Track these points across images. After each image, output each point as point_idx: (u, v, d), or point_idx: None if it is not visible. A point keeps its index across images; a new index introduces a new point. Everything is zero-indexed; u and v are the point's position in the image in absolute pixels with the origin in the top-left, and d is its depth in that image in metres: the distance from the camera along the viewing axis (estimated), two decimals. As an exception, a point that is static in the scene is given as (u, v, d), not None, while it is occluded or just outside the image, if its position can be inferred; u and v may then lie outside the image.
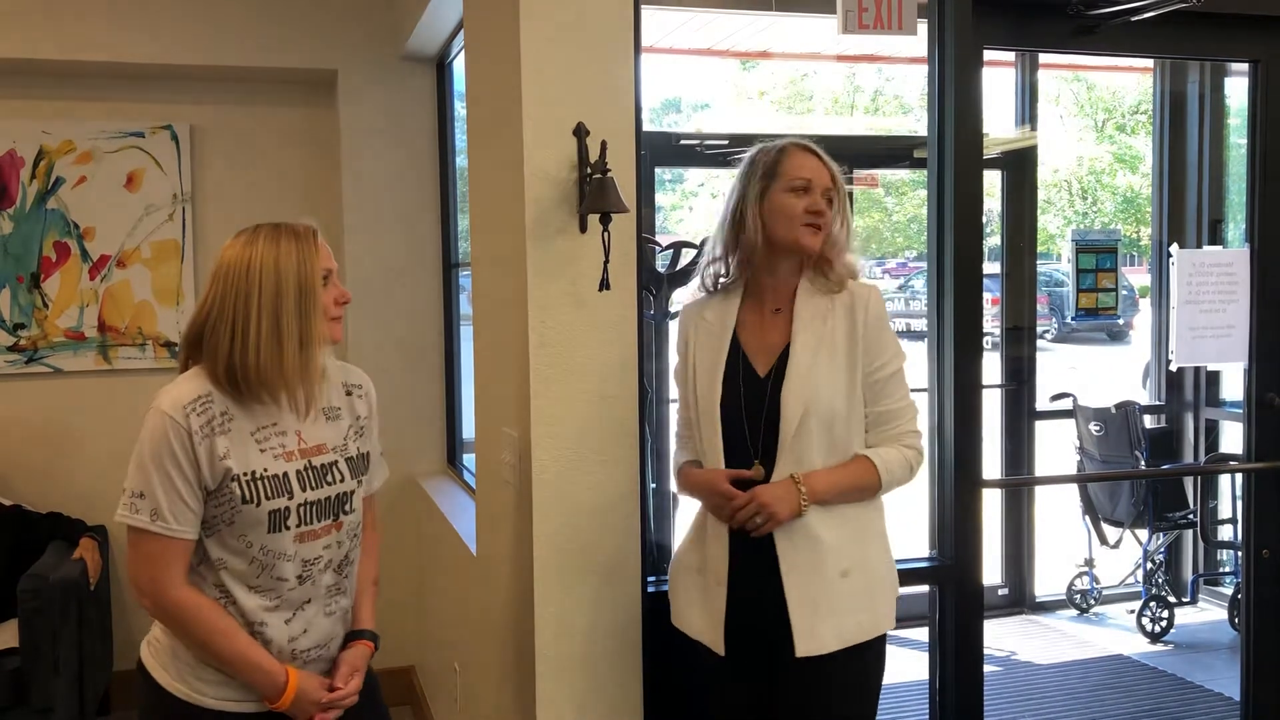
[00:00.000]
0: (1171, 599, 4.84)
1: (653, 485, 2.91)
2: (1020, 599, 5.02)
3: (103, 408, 4.40)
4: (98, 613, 4.01)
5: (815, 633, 2.03)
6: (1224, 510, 5.00)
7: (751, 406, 2.08)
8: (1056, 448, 5.45)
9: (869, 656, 2.10)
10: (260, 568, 1.90)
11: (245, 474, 1.86)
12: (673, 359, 2.34)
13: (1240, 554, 4.08)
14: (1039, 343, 5.39)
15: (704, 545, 2.20)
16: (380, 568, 2.22)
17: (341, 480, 1.98)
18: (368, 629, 2.09)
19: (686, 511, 3.12)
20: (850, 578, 2.06)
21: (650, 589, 2.53)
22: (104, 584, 4.14)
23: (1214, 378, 5.03)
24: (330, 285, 1.96)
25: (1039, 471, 5.28)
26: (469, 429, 4.18)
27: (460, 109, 4.29)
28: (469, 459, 4.16)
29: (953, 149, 2.76)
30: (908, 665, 3.58)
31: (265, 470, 1.88)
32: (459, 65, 4.15)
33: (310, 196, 4.47)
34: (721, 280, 2.22)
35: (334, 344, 2.00)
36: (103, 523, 4.33)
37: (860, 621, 2.07)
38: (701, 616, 2.19)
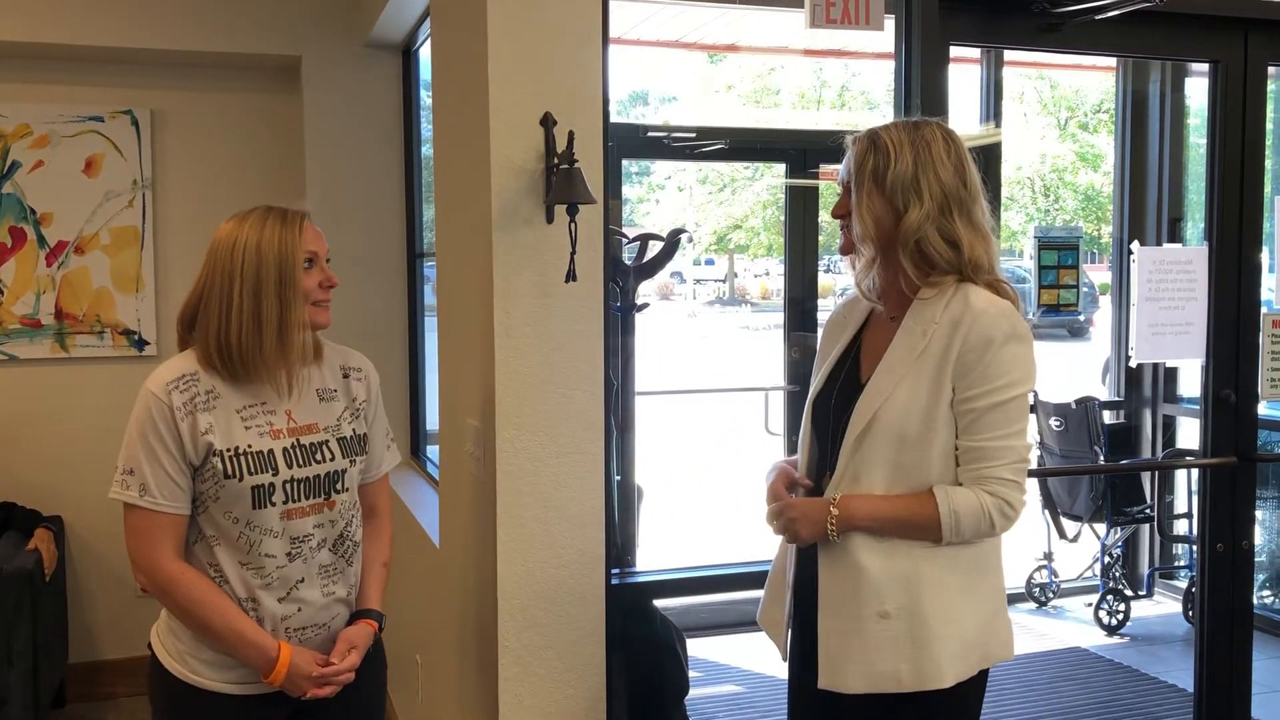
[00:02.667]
0: (1128, 592, 4.91)
1: (617, 478, 2.91)
2: (980, 592, 5.08)
3: (60, 396, 4.33)
4: (53, 604, 3.95)
5: (840, 668, 1.88)
6: (1180, 505, 5.07)
7: (839, 409, 1.96)
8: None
9: (930, 709, 1.87)
10: (248, 544, 1.92)
11: (228, 449, 1.90)
12: (639, 352, 2.33)
13: (1195, 548, 4.14)
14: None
15: (787, 547, 2.11)
16: (393, 550, 2.22)
17: (332, 459, 2.00)
18: (372, 608, 2.10)
19: (650, 505, 3.12)
20: (890, 621, 1.84)
21: (614, 581, 2.53)
22: (59, 575, 4.08)
23: (1172, 374, 5.10)
24: (315, 269, 1.97)
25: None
26: (432, 420, 4.16)
27: (426, 97, 4.25)
28: (432, 450, 4.14)
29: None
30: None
31: (249, 446, 1.91)
32: (425, 53, 4.11)
33: (273, 184, 4.42)
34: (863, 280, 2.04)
35: (319, 329, 2.01)
36: (58, 513, 4.26)
37: (899, 671, 1.84)
38: (773, 615, 2.12)
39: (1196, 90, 5.01)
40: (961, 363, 1.83)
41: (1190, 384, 5.03)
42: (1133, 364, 4.80)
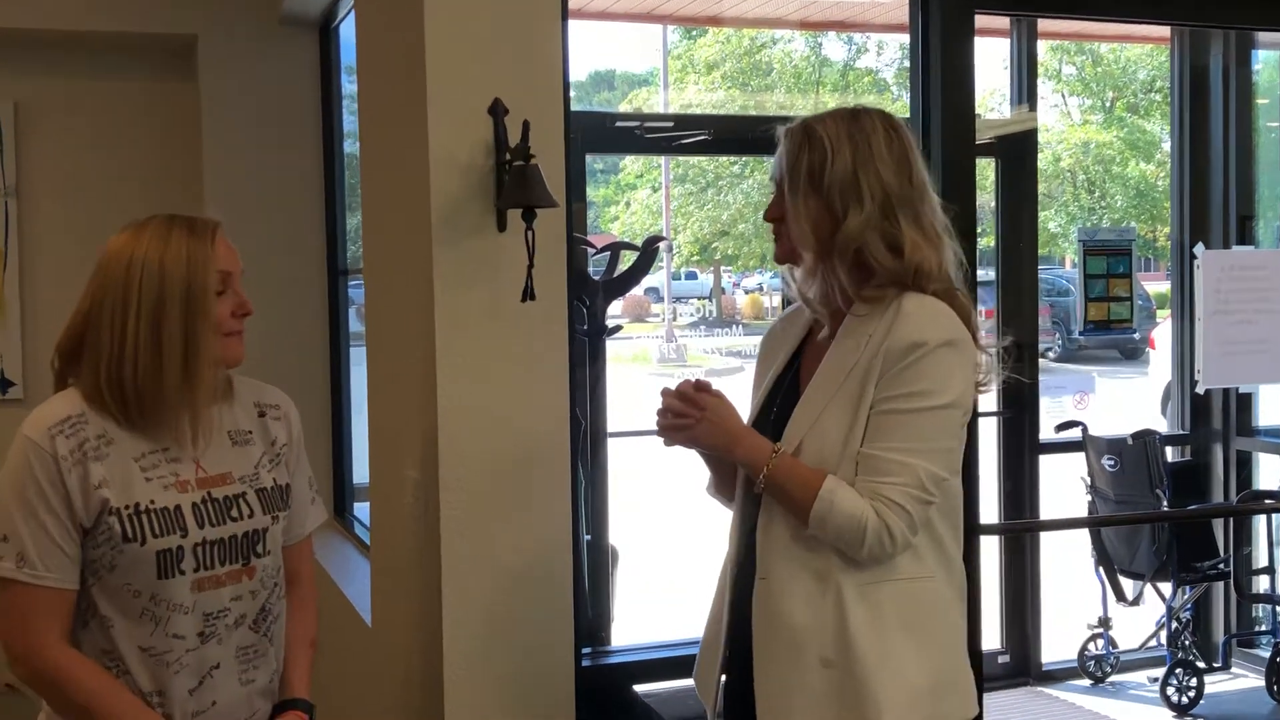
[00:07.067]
0: (1200, 664, 4.92)
1: (587, 538, 2.90)
2: (1024, 667, 5.08)
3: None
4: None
5: None
6: (1260, 558, 5.10)
7: (776, 436, 2.02)
8: (1064, 486, 5.53)
9: None
10: (153, 623, 1.88)
11: (126, 506, 1.86)
12: (611, 382, 2.33)
13: None
14: (1041, 362, 5.46)
15: (720, 595, 2.15)
16: (319, 628, 2.19)
17: (250, 516, 1.97)
18: (300, 697, 2.07)
19: (627, 571, 3.12)
20: (833, 670, 1.92)
21: (585, 663, 2.52)
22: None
23: (1246, 402, 5.14)
24: (229, 293, 1.96)
25: (1044, 514, 5.35)
26: (360, 472, 4.13)
27: (350, 84, 4.26)
28: (361, 509, 4.11)
29: (939, 133, 2.80)
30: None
31: (152, 502, 1.88)
32: (348, 30, 4.12)
33: (165, 189, 4.39)
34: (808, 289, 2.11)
35: (231, 366, 2.00)
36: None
37: None
38: (705, 671, 2.15)
39: (1267, 65, 5.09)
40: (885, 367, 1.90)
41: (1270, 413, 5.07)
42: (1199, 390, 4.84)
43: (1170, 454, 5.16)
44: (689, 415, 1.99)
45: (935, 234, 2.00)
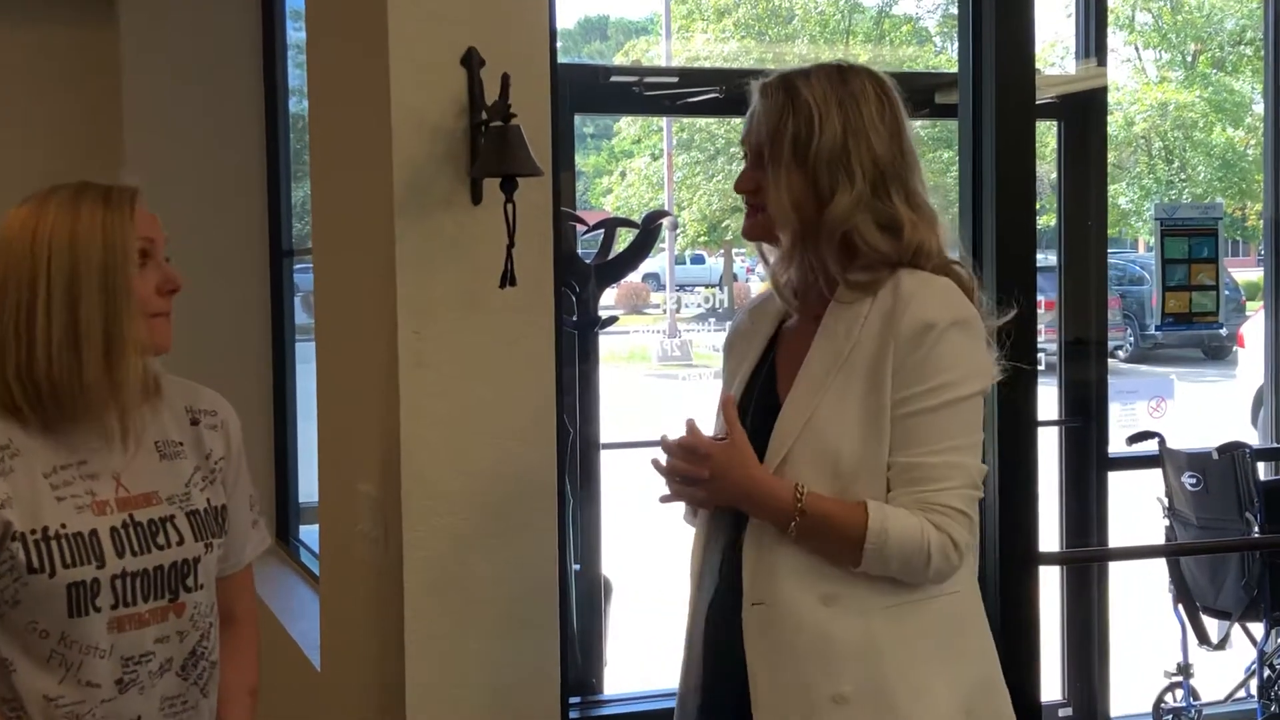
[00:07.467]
0: (1298, 718, 4.93)
1: (576, 567, 2.91)
2: (1090, 721, 5.09)
3: None
4: None
5: None
6: (1368, 594, 5.10)
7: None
8: (1137, 508, 5.54)
9: None
10: (63, 668, 1.88)
11: (33, 531, 1.86)
12: (604, 382, 2.35)
13: (1391, 654, 4.16)
14: (1111, 362, 5.46)
15: (693, 634, 2.17)
16: (260, 673, 2.20)
17: (180, 543, 1.97)
18: None
19: (622, 607, 3.12)
20: (849, 707, 1.93)
21: (574, 715, 2.52)
22: None
23: (1352, 409, 5.14)
24: (151, 266, 1.96)
25: (1113, 541, 5.35)
26: (308, 489, 4.14)
27: (297, 31, 4.26)
28: (309, 532, 4.11)
29: (992, 92, 2.80)
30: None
31: (63, 526, 1.88)
32: (294, -32, 4.13)
33: (78, 156, 4.38)
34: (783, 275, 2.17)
35: (160, 352, 2.00)
36: None
37: None
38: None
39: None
40: (899, 358, 1.94)
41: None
42: (1297, 395, 4.85)
43: (1263, 470, 5.16)
44: (697, 473, 2.00)
45: (929, 210, 2.05)
